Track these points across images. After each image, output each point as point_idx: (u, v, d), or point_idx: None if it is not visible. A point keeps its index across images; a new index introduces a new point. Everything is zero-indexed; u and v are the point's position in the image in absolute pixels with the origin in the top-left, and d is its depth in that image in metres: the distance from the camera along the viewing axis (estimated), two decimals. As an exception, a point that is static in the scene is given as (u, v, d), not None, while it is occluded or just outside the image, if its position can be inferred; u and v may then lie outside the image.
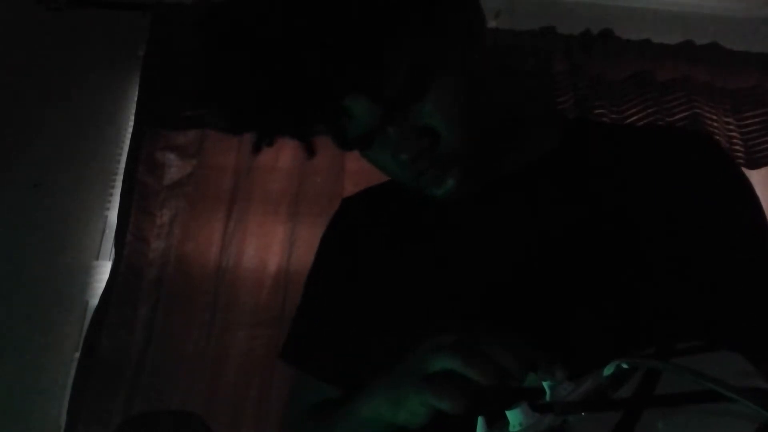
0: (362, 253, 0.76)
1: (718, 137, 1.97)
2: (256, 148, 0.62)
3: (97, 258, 1.80)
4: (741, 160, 1.97)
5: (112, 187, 1.86)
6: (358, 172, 1.83)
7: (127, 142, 1.84)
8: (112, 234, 1.75)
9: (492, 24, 1.90)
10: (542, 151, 0.71)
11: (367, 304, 0.73)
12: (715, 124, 2.01)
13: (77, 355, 1.63)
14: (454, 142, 0.62)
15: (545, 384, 0.46)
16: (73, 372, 1.61)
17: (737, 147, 1.99)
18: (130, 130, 1.86)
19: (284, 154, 1.84)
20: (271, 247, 1.76)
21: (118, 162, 1.89)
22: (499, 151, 0.70)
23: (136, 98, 1.88)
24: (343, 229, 0.83)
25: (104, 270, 1.74)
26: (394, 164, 0.64)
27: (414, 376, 0.51)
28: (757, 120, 2.04)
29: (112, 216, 1.80)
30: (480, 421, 0.46)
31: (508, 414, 0.44)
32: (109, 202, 1.85)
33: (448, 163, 0.63)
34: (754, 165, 1.97)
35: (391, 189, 0.80)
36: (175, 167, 1.81)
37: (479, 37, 0.66)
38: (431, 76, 0.59)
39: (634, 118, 1.99)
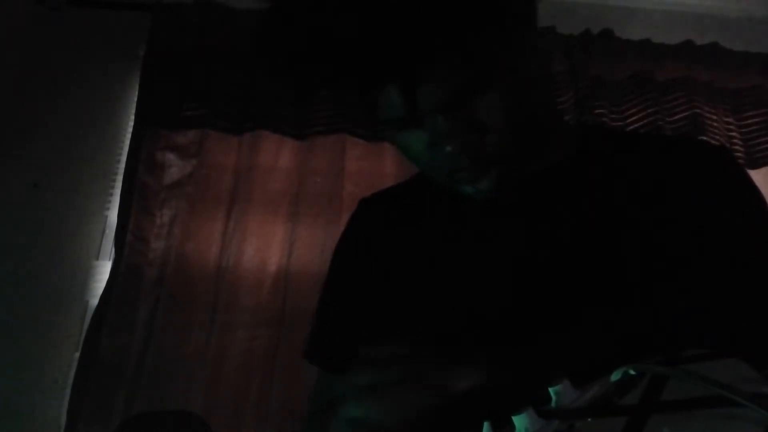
0: (381, 255, 0.77)
1: (718, 137, 1.97)
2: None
3: (97, 258, 1.80)
4: (741, 160, 1.97)
5: (112, 187, 1.86)
6: (358, 173, 1.83)
7: (127, 142, 1.84)
8: (112, 234, 1.76)
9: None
10: (559, 157, 0.72)
11: (383, 306, 0.73)
12: (715, 124, 2.01)
13: (77, 355, 1.63)
14: (503, 141, 0.62)
15: (551, 390, 0.46)
16: (73, 372, 1.61)
17: (737, 147, 1.99)
18: (130, 130, 1.86)
19: (284, 154, 1.85)
20: (271, 247, 1.76)
21: (118, 162, 1.89)
22: (529, 156, 0.71)
23: (136, 98, 1.88)
24: (362, 229, 0.83)
25: (104, 270, 1.74)
26: (429, 154, 0.64)
27: None
28: (757, 120, 2.04)
29: (112, 216, 1.80)
30: (486, 426, 0.46)
31: (514, 419, 0.44)
32: (109, 202, 1.85)
33: (488, 163, 0.64)
34: (754, 165, 1.98)
35: (408, 191, 0.80)
36: (175, 167, 1.81)
37: (536, 44, 0.68)
38: (498, 72, 0.60)
39: (634, 118, 1.99)
